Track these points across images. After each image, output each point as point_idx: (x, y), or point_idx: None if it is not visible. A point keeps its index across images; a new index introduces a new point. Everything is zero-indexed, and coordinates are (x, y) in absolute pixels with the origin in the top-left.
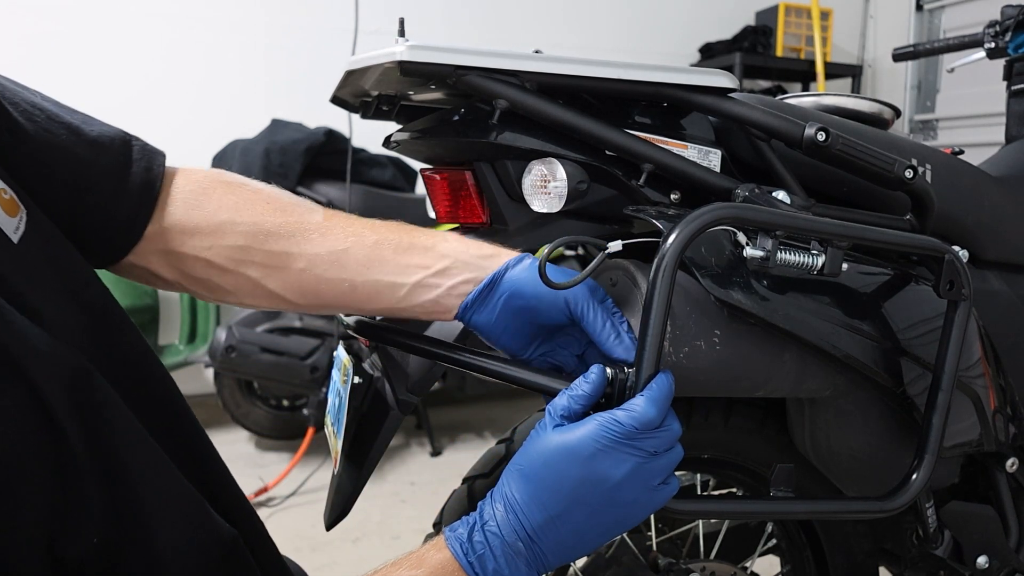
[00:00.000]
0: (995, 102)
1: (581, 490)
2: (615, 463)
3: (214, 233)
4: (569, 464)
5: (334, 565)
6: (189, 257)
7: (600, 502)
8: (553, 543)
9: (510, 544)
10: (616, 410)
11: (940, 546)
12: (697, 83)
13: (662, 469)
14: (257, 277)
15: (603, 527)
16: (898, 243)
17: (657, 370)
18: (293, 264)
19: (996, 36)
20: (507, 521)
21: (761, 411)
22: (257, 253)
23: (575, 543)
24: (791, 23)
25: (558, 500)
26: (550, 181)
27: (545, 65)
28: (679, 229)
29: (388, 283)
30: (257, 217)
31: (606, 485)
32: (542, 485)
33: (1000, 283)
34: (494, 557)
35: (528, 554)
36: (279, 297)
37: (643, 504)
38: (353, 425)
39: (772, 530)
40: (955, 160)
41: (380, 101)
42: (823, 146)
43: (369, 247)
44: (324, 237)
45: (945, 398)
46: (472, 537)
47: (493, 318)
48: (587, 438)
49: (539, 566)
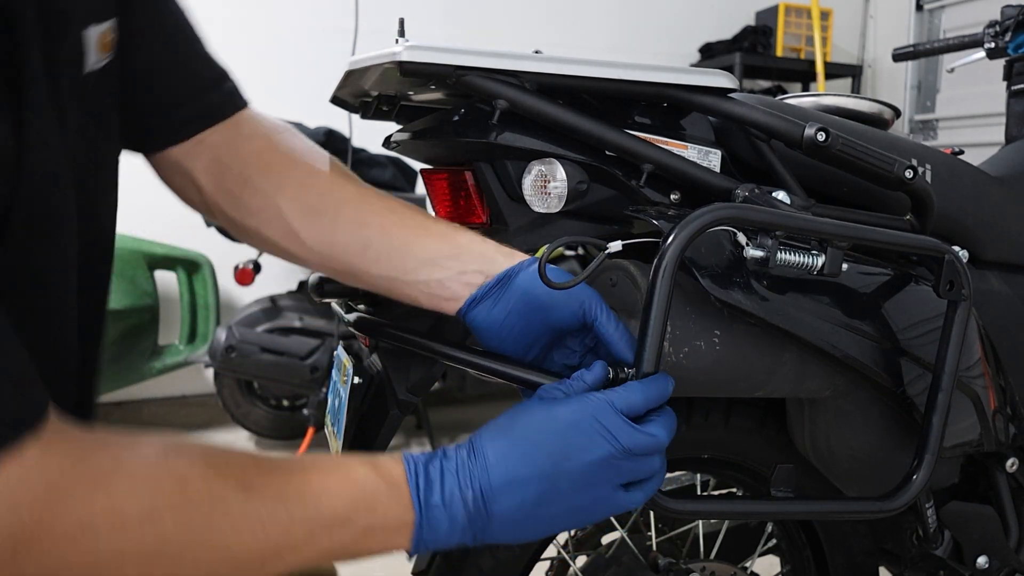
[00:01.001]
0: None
1: (548, 462)
2: (589, 442)
3: (266, 162)
4: (545, 432)
5: None
6: (234, 172)
7: (563, 482)
8: (503, 509)
9: (461, 490)
10: (605, 391)
11: (940, 546)
12: (697, 83)
13: (632, 471)
14: (286, 209)
15: (555, 512)
16: (898, 243)
17: (657, 370)
18: (323, 205)
19: (996, 36)
20: (467, 468)
21: (761, 411)
22: (294, 186)
23: (522, 519)
24: (791, 23)
25: (524, 464)
26: (550, 181)
27: (545, 65)
28: (679, 229)
29: (401, 251)
30: (312, 164)
31: (574, 463)
32: (514, 445)
33: (1000, 283)
34: (441, 492)
35: (473, 510)
36: (294, 235)
37: (602, 500)
38: (353, 425)
39: (772, 530)
40: (955, 160)
41: (380, 101)
42: (823, 146)
43: (394, 216)
44: (361, 198)
45: (945, 398)
46: (429, 465)
47: (502, 317)
48: (569, 407)
49: (477, 529)
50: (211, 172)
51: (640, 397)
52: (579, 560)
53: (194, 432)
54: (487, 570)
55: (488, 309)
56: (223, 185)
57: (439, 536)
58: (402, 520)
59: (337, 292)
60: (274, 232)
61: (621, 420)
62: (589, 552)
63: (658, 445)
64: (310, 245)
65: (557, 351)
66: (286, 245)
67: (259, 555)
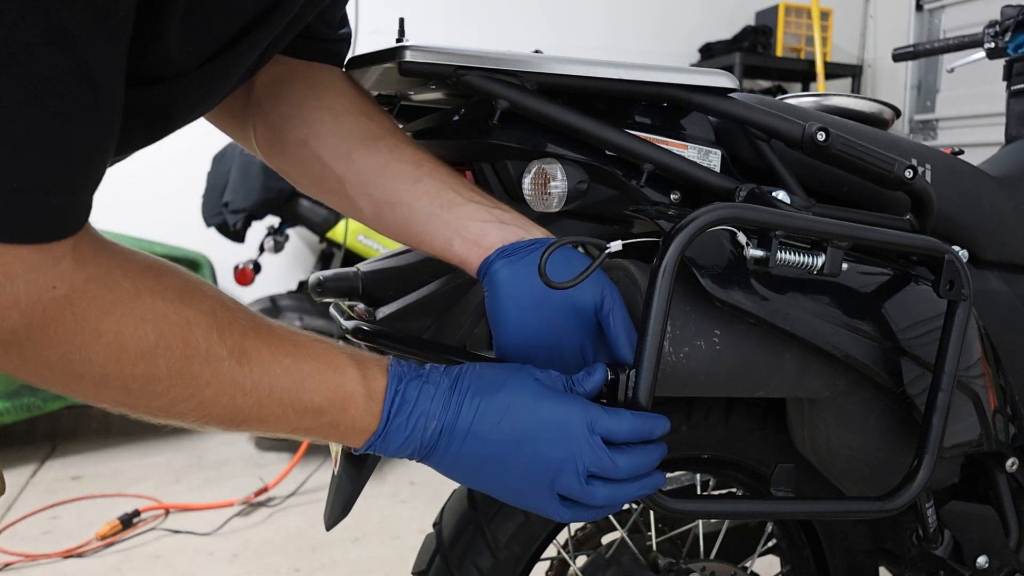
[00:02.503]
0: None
1: (511, 437)
2: (553, 441)
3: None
4: (524, 411)
5: (334, 565)
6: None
7: (514, 460)
8: (453, 451)
9: (427, 419)
10: (599, 406)
11: (940, 546)
12: (697, 83)
13: (576, 490)
14: (346, 128)
15: (494, 478)
16: (898, 243)
17: (657, 370)
18: (383, 136)
19: (996, 36)
20: (442, 402)
21: (761, 411)
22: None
23: (463, 468)
24: (791, 23)
25: (491, 427)
26: (550, 181)
27: (545, 65)
28: (679, 229)
29: (449, 192)
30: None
31: (530, 451)
32: (492, 405)
33: (1000, 283)
34: (409, 415)
35: (428, 440)
36: (346, 155)
37: (536, 497)
38: None
39: (772, 530)
40: (955, 160)
41: (380, 101)
42: (823, 146)
43: (448, 171)
44: (420, 148)
45: (945, 398)
46: (410, 383)
47: (525, 276)
48: (555, 402)
49: (423, 455)
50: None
51: (624, 427)
52: (579, 560)
53: (194, 432)
54: (487, 570)
55: (514, 265)
56: (279, 90)
57: (388, 448)
58: (366, 427)
59: (337, 292)
60: (324, 147)
61: (591, 440)
62: (589, 552)
63: (617, 473)
64: (359, 167)
65: (558, 336)
66: (332, 162)
67: (229, 416)
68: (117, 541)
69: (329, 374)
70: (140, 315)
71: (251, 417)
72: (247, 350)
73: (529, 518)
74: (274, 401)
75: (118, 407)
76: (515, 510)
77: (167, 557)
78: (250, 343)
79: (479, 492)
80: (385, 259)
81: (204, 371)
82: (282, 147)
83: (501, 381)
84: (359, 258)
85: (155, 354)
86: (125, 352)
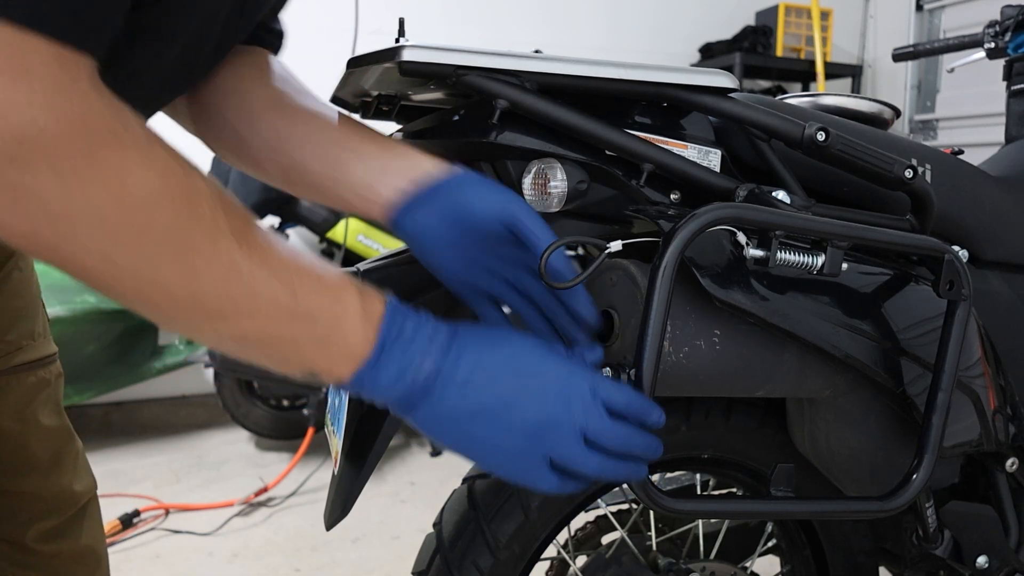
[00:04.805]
0: (995, 102)
1: (509, 390)
2: (552, 398)
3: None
4: (526, 364)
5: (334, 565)
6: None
7: (507, 416)
8: (440, 399)
9: (421, 357)
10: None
11: (940, 546)
12: (697, 83)
13: (569, 455)
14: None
15: (479, 437)
16: (898, 243)
17: (656, 370)
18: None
19: (996, 36)
20: (439, 343)
21: (761, 411)
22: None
23: (447, 422)
24: (791, 23)
25: (488, 378)
26: (550, 181)
27: (545, 65)
28: (679, 229)
29: (341, 148)
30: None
31: (527, 406)
32: (492, 356)
33: (1000, 283)
34: (405, 350)
35: (420, 382)
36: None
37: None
38: (353, 425)
39: (772, 530)
40: (955, 160)
41: (380, 101)
42: (823, 146)
43: (349, 124)
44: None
45: (945, 398)
46: (408, 320)
47: (433, 224)
48: (559, 361)
49: (410, 402)
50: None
51: (624, 397)
52: (579, 560)
53: (194, 432)
54: (487, 570)
55: (418, 216)
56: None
57: (378, 384)
58: (358, 351)
59: None
60: (231, 110)
61: (593, 402)
62: (589, 552)
63: (611, 441)
64: (262, 131)
65: (496, 268)
66: (236, 124)
67: (215, 300)
68: (117, 541)
69: (328, 282)
70: (149, 160)
71: (240, 308)
72: (247, 234)
73: (529, 518)
74: (267, 295)
75: (103, 276)
76: (515, 510)
77: (167, 557)
78: (252, 230)
79: (479, 492)
80: (385, 259)
81: (203, 241)
82: (205, 118)
83: (504, 338)
84: (359, 258)
85: (158, 203)
86: (127, 192)
